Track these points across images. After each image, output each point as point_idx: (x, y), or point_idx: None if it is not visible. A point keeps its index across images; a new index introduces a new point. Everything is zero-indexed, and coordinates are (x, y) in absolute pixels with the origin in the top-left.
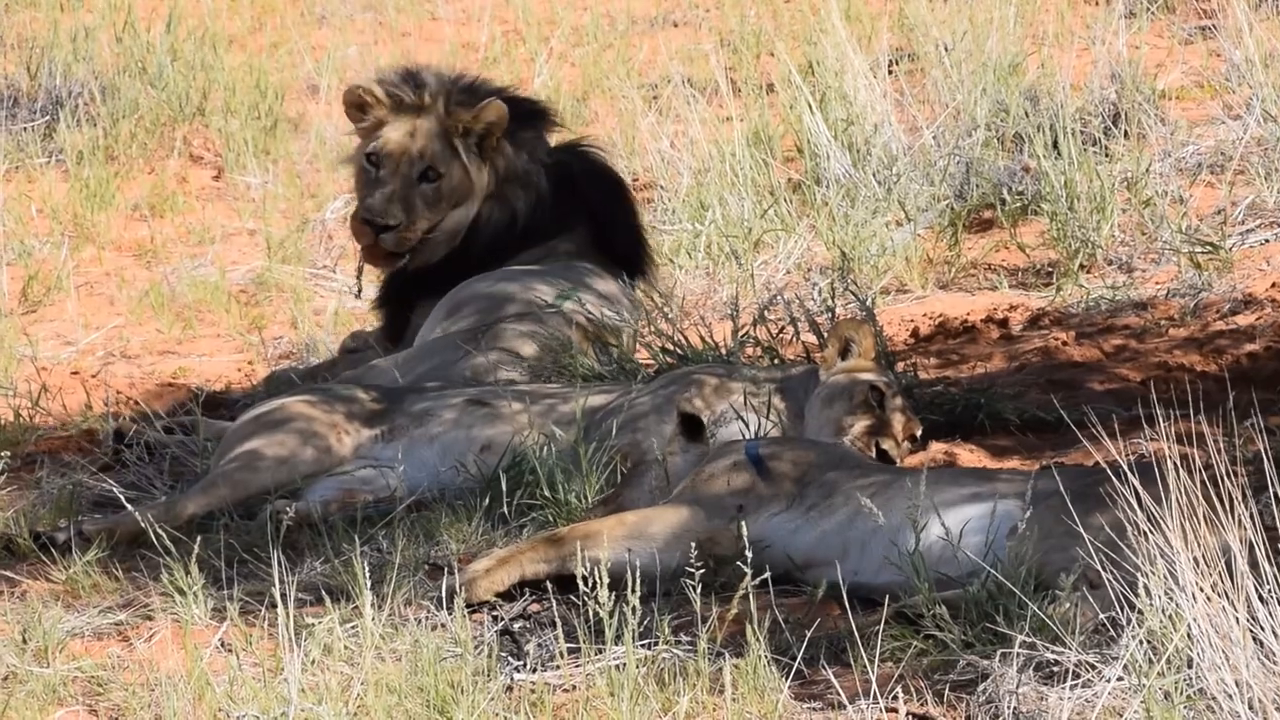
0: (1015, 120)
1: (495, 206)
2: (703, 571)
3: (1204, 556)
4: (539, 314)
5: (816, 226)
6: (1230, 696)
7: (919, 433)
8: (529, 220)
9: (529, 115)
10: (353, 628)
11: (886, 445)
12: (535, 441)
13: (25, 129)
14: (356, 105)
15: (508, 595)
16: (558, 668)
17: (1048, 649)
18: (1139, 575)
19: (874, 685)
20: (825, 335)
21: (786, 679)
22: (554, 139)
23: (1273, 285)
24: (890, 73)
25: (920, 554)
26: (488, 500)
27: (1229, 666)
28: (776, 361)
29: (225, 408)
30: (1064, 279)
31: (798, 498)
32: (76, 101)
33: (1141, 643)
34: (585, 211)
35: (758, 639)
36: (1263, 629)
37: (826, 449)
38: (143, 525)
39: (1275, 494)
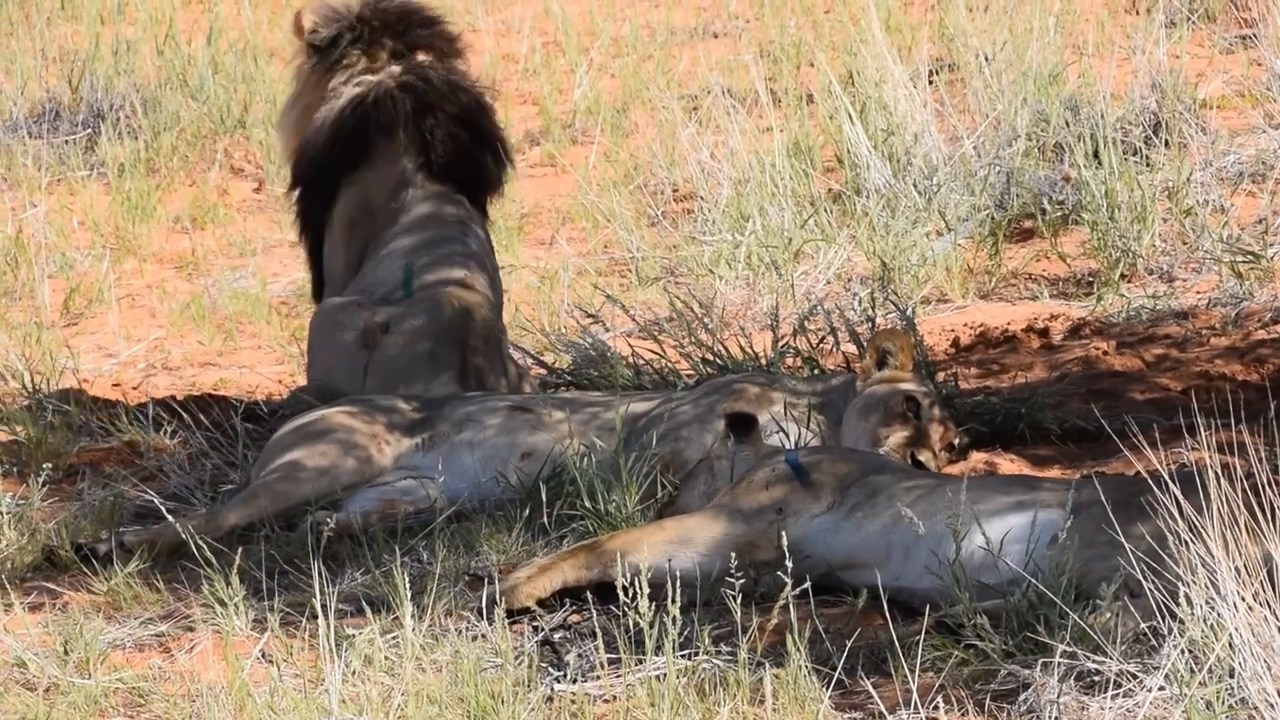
0: (1056, 130)
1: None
2: (743, 580)
3: (1245, 566)
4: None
5: (857, 237)
6: (1272, 706)
7: (957, 441)
8: (339, 127)
9: (392, 26)
10: (393, 638)
11: (923, 457)
12: (576, 451)
13: (67, 142)
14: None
15: (548, 605)
16: (598, 678)
17: (1089, 658)
18: (1180, 584)
19: (915, 695)
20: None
21: (827, 689)
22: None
23: None
24: (930, 83)
25: (961, 563)
26: (528, 510)
27: (1271, 676)
28: (816, 372)
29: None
30: (1105, 288)
31: (839, 500)
32: (118, 114)
33: (1183, 652)
34: (411, 130)
35: (798, 649)
36: None
37: (867, 456)
38: (184, 536)
39: None
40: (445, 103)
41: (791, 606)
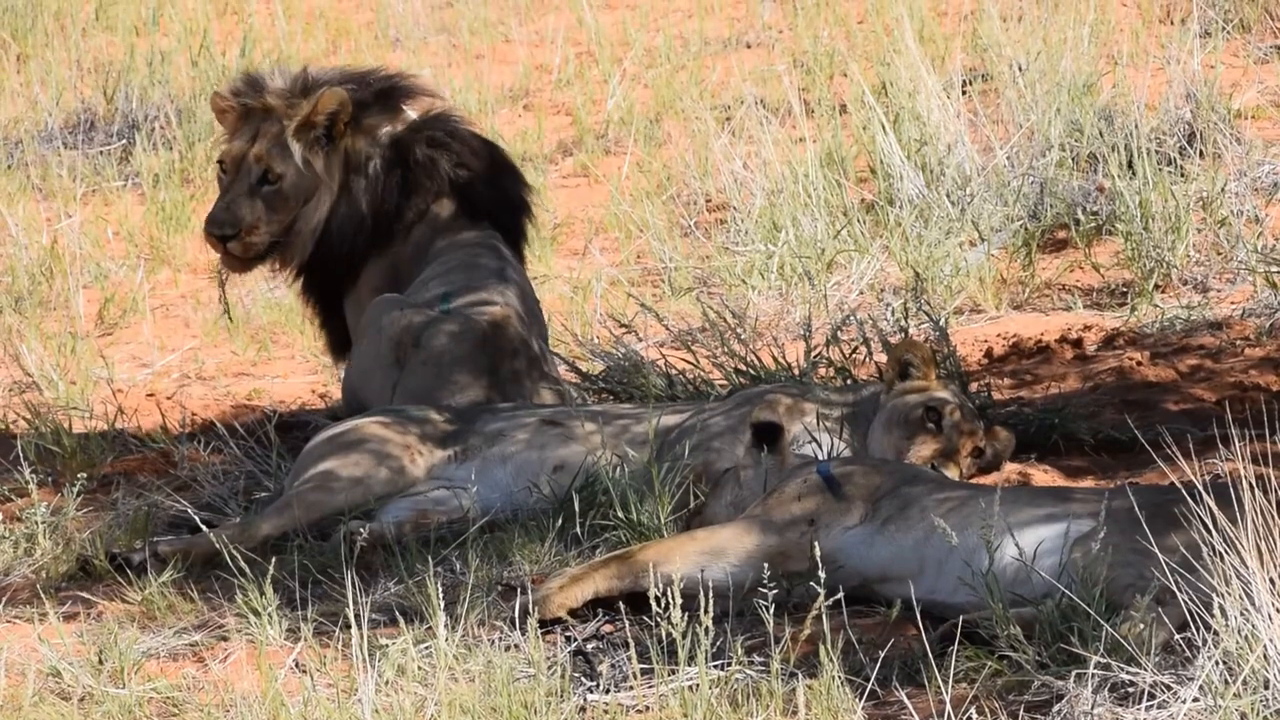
0: (1090, 140)
1: (344, 198)
2: (775, 591)
3: None
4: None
5: (890, 247)
6: None
7: (984, 445)
8: (376, 208)
9: (378, 97)
10: (426, 648)
11: (948, 470)
12: (608, 462)
13: (102, 152)
14: (219, 112)
15: (581, 616)
16: (631, 688)
17: (1123, 669)
18: (1214, 595)
19: (948, 706)
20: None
21: (860, 700)
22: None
23: None
24: (964, 93)
25: (994, 575)
26: (561, 521)
27: None
28: (849, 382)
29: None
30: (1139, 299)
31: (872, 512)
32: (153, 125)
33: (1217, 663)
34: (443, 182)
35: (831, 659)
36: None
37: (899, 467)
38: (218, 546)
39: None
40: (469, 143)
41: (824, 617)
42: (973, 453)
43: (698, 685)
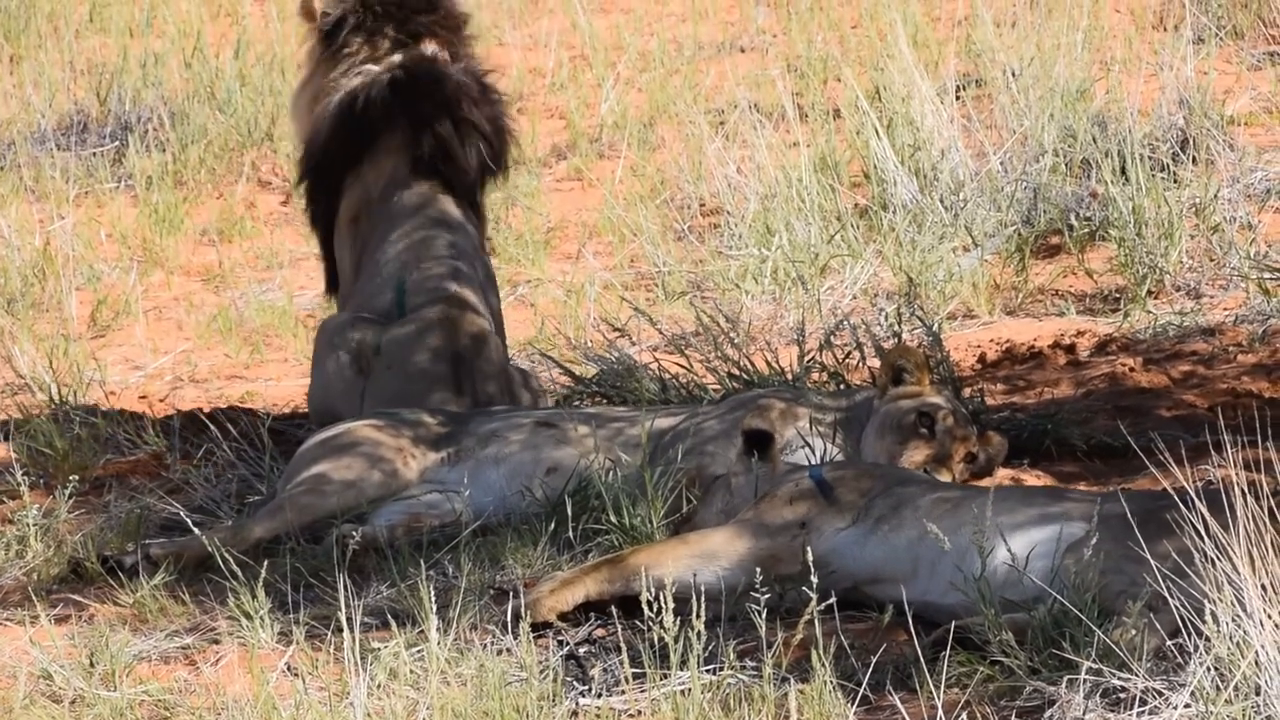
0: (1083, 146)
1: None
2: (768, 595)
3: (1272, 583)
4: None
5: (883, 252)
6: None
7: (977, 450)
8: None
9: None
10: (418, 652)
11: (941, 474)
12: (601, 465)
13: (95, 154)
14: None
15: (573, 620)
16: (623, 693)
17: (1115, 675)
18: (1206, 602)
19: (940, 711)
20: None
21: (852, 705)
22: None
23: None
24: (957, 98)
25: (986, 579)
26: (553, 524)
27: None
28: (842, 387)
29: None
30: (1131, 305)
31: (864, 513)
32: (146, 127)
33: (1209, 670)
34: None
35: (823, 664)
36: None
37: (892, 470)
38: (209, 549)
39: None
40: (434, 95)
41: (816, 622)
42: (966, 458)
43: (690, 690)
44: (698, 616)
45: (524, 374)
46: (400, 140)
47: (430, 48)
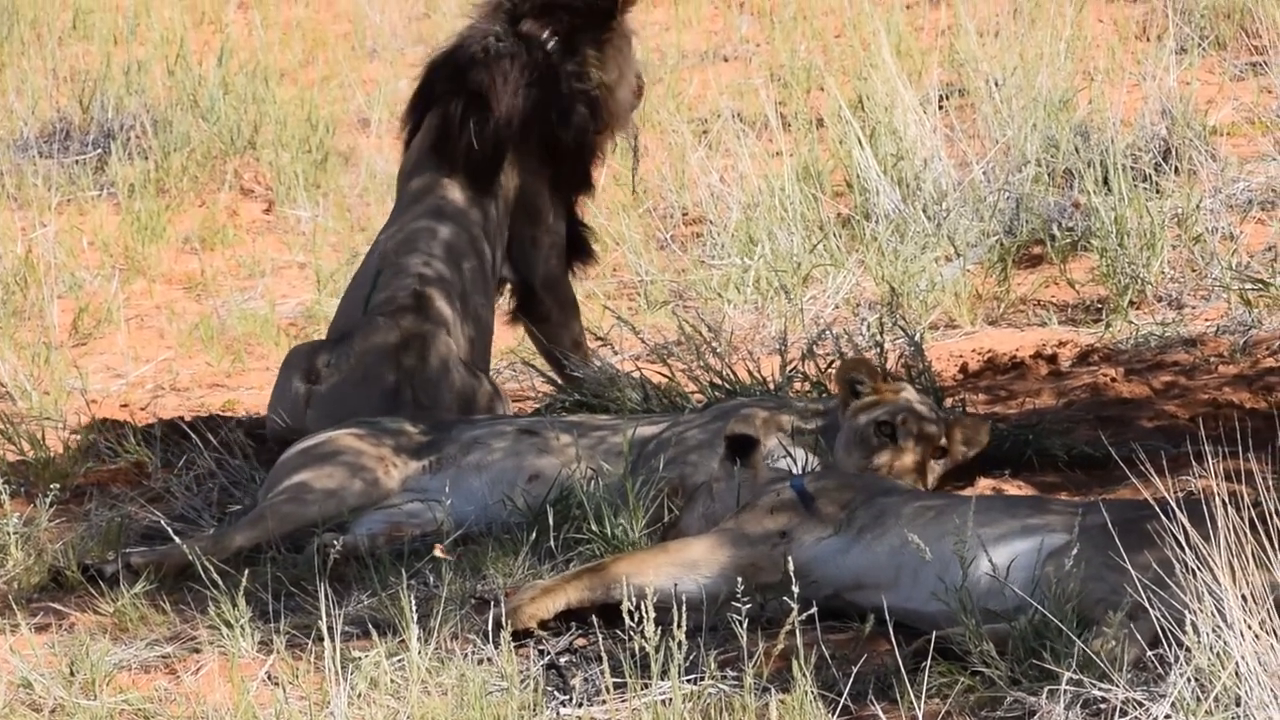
0: (1065, 156)
1: None
2: (749, 605)
3: (1252, 594)
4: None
5: (865, 262)
6: None
7: (943, 442)
8: None
9: None
10: (399, 661)
11: (908, 479)
12: (583, 474)
13: (77, 162)
14: None
15: (553, 629)
16: (604, 702)
17: (1095, 686)
18: (1187, 612)
19: None
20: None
21: (833, 715)
22: None
23: None
24: (940, 108)
25: (967, 589)
26: (535, 534)
27: (1277, 705)
28: (824, 396)
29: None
30: (1113, 315)
31: (847, 522)
32: (128, 134)
33: (1189, 680)
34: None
35: (804, 674)
36: None
37: (874, 479)
38: (190, 558)
39: None
40: (457, 72)
41: (797, 631)
42: (934, 454)
43: (671, 699)
44: (679, 626)
45: (478, 375)
46: (430, 121)
47: (527, 25)
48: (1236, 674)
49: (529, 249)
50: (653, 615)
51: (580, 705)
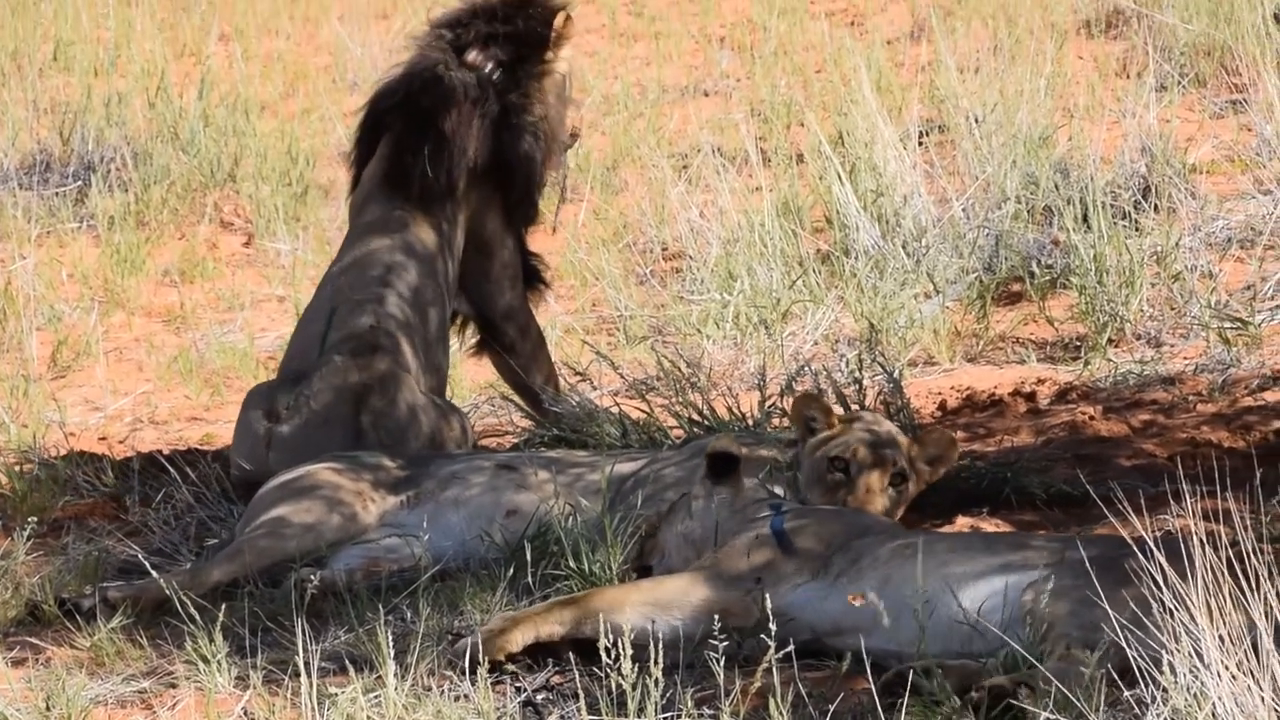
0: (1045, 193)
1: None
2: (726, 643)
3: (1229, 634)
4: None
5: (845, 298)
6: None
7: (900, 466)
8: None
9: None
10: (376, 698)
11: (871, 508)
12: (561, 510)
13: (57, 194)
14: None
15: (531, 666)
16: None
17: None
18: (1164, 652)
19: None
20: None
21: None
22: None
23: None
24: (920, 144)
25: (946, 630)
26: (512, 570)
27: None
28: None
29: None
30: (1092, 353)
31: (823, 568)
32: (108, 167)
33: None
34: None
35: (781, 712)
36: None
37: (852, 518)
38: (168, 592)
39: None
40: (416, 103)
41: (775, 670)
42: (892, 480)
43: None
44: (655, 663)
45: (446, 410)
46: (382, 150)
47: (472, 55)
48: (1213, 715)
49: (482, 281)
50: (629, 652)
51: None
